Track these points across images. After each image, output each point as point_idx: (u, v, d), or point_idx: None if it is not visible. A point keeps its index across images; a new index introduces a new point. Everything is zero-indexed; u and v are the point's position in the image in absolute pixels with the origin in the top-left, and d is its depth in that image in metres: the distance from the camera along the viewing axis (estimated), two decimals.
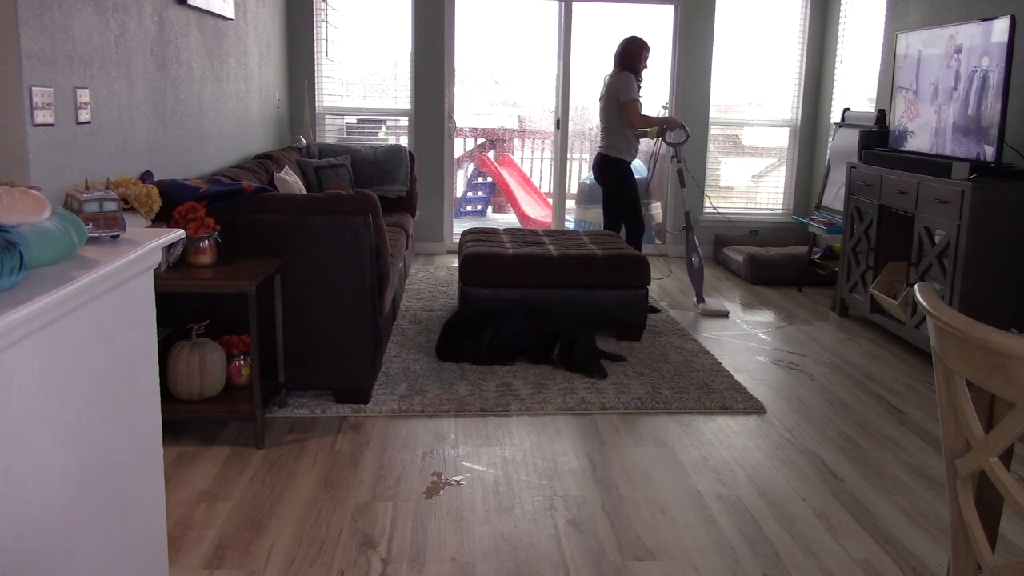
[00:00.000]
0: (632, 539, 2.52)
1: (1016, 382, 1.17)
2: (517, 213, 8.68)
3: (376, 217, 3.37)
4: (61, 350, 1.40)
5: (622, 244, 4.86)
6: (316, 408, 3.43)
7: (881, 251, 4.86)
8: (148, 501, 1.83)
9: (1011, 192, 3.96)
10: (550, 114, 7.19)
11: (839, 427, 3.45)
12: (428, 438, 3.22)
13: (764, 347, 4.55)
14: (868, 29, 6.28)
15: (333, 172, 5.53)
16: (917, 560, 2.46)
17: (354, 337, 3.40)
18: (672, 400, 3.64)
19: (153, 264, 1.80)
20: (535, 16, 7.91)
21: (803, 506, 2.76)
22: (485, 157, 9.18)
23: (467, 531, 2.54)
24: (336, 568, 2.33)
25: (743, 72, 7.09)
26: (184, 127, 4.08)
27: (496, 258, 4.49)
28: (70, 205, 1.88)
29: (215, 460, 2.98)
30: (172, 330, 3.30)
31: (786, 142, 7.12)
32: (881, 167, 4.80)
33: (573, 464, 3.02)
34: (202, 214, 3.08)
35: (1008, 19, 3.90)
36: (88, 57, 3.05)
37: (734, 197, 7.45)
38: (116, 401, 1.64)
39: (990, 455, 1.29)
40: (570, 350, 3.97)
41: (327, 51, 6.72)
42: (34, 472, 1.32)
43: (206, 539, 2.46)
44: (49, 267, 1.46)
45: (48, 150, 2.77)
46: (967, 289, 4.02)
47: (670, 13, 6.81)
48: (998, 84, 3.95)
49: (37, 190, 1.51)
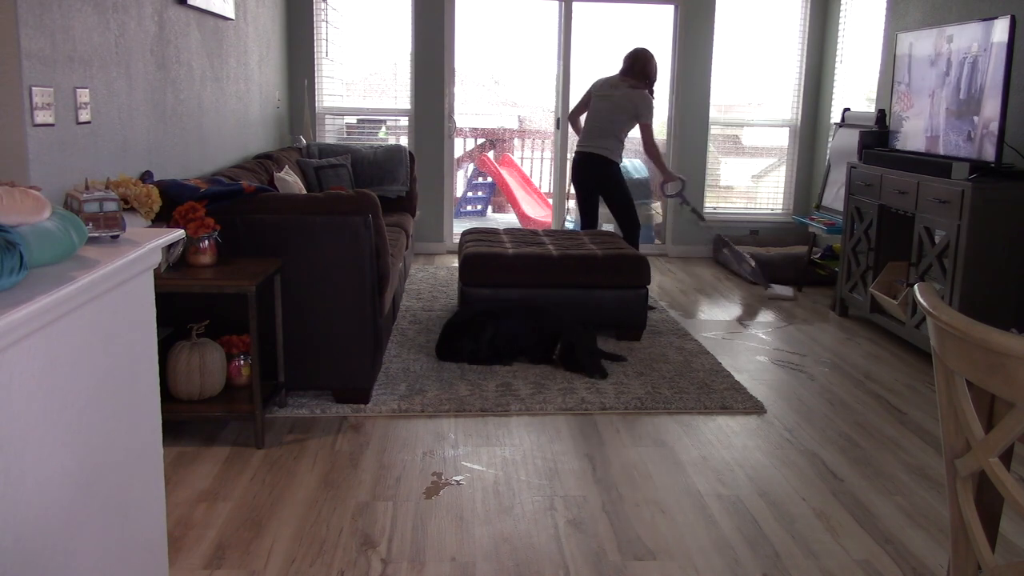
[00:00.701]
0: (632, 539, 2.52)
1: (1016, 382, 1.17)
2: (517, 213, 8.68)
3: (376, 217, 3.37)
4: (61, 350, 1.40)
5: (622, 244, 4.86)
6: (316, 408, 3.43)
7: (881, 251, 4.86)
8: (148, 501, 1.83)
9: (1011, 192, 3.96)
10: (550, 114, 7.20)
11: (839, 427, 3.45)
12: (428, 438, 3.22)
13: (764, 347, 4.55)
14: (868, 29, 6.28)
15: (333, 172, 5.53)
16: (917, 560, 2.46)
17: (354, 337, 3.40)
18: (672, 400, 3.64)
19: (153, 264, 1.80)
20: (535, 16, 7.91)
21: (803, 506, 2.76)
22: (485, 157, 9.18)
23: (467, 531, 2.54)
24: (336, 568, 2.33)
25: (743, 72, 7.09)
26: (184, 127, 4.08)
27: (496, 258, 4.49)
28: (70, 205, 1.88)
29: (215, 460, 2.98)
30: (172, 330, 3.30)
31: (786, 142, 7.12)
32: (881, 167, 4.80)
33: (573, 464, 3.02)
34: (202, 214, 3.08)
35: (1008, 19, 3.90)
36: (88, 57, 3.05)
37: (734, 197, 7.44)
38: (116, 401, 1.64)
39: (990, 455, 1.29)
40: (570, 350, 3.97)
41: (327, 51, 6.72)
42: (34, 472, 1.32)
43: (206, 539, 2.46)
44: (49, 267, 1.46)
45: (48, 150, 2.77)
46: (967, 289, 4.02)
47: (670, 13, 6.81)
48: (998, 84, 3.95)
49: (37, 190, 1.51)
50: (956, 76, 4.31)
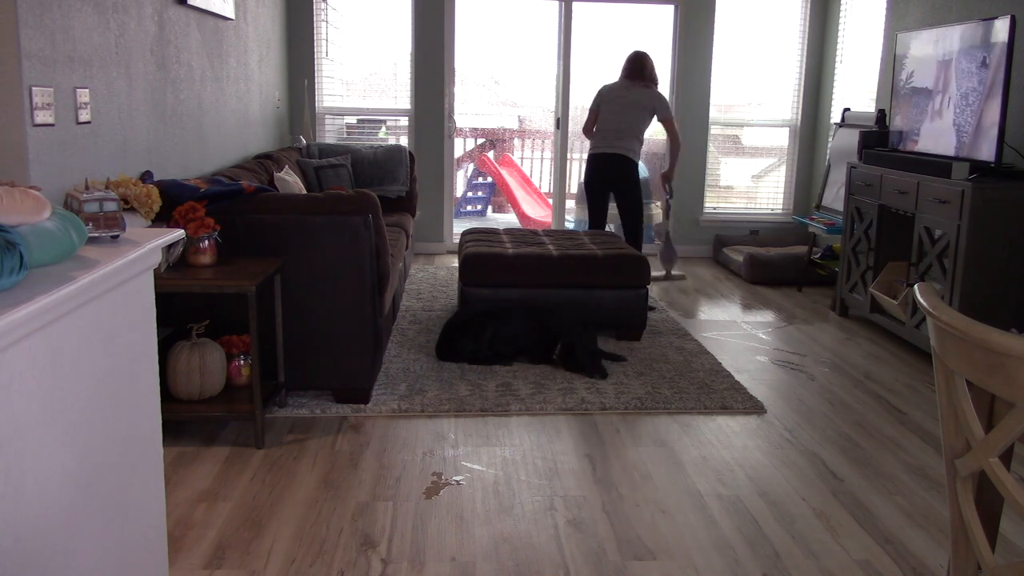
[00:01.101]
0: (632, 539, 2.52)
1: (1016, 382, 1.17)
2: (517, 213, 8.68)
3: (376, 217, 3.37)
4: (61, 350, 1.40)
5: (622, 244, 4.86)
6: (316, 408, 3.43)
7: (881, 251, 4.86)
8: (148, 501, 1.83)
9: (1011, 192, 3.96)
10: (550, 114, 7.20)
11: (839, 427, 3.45)
12: (428, 438, 3.22)
13: (764, 347, 4.55)
14: (868, 29, 6.28)
15: (333, 172, 5.53)
16: (917, 560, 2.46)
17: (354, 337, 3.40)
18: (672, 400, 3.64)
19: (153, 264, 1.80)
20: (535, 16, 7.91)
21: (803, 506, 2.76)
22: (485, 157, 9.18)
23: (467, 531, 2.54)
24: (336, 568, 2.33)
25: (743, 72, 7.09)
26: (184, 127, 4.08)
27: (496, 258, 4.49)
28: (70, 205, 1.88)
29: (215, 460, 2.98)
30: (172, 330, 3.31)
31: (786, 142, 7.12)
32: (881, 167, 4.80)
33: (573, 464, 3.02)
34: (202, 214, 3.08)
35: (1008, 19, 3.90)
36: (88, 57, 3.05)
37: (734, 197, 7.44)
38: (116, 401, 1.64)
39: (990, 455, 1.29)
40: (571, 350, 3.97)
41: (327, 51, 6.72)
42: (34, 472, 1.32)
43: (206, 539, 2.46)
44: (49, 267, 1.46)
45: (48, 150, 2.77)
46: (967, 289, 4.02)
47: (670, 13, 6.81)
48: (998, 84, 3.95)
49: (37, 190, 1.51)
50: (956, 76, 4.31)
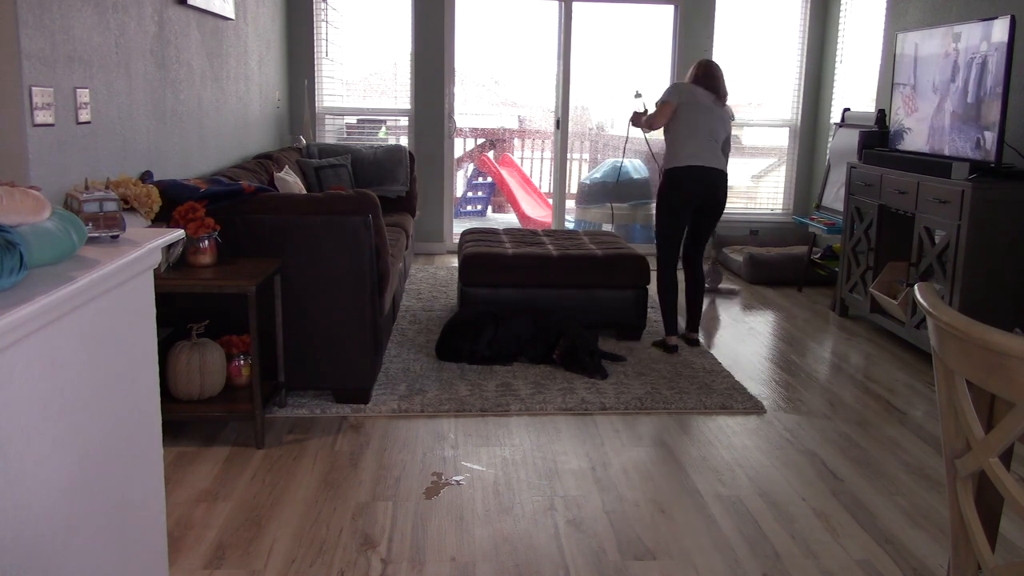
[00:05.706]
0: (632, 539, 2.52)
1: (1016, 382, 1.17)
2: (517, 213, 8.68)
3: (376, 217, 3.37)
4: (61, 350, 1.40)
5: (622, 244, 4.86)
6: (316, 408, 3.43)
7: (881, 251, 4.86)
8: (148, 501, 1.83)
9: (1011, 192, 3.96)
10: (550, 114, 7.19)
11: (839, 427, 3.45)
12: (428, 438, 3.22)
13: (764, 347, 4.55)
14: (868, 29, 6.28)
15: (333, 172, 5.53)
16: (917, 560, 2.46)
17: (354, 337, 3.40)
18: (672, 400, 3.64)
19: (153, 264, 1.80)
20: (535, 16, 7.90)
21: (803, 506, 2.76)
22: (485, 157, 9.18)
23: (467, 531, 2.54)
24: (336, 568, 2.33)
25: (743, 72, 7.09)
26: (184, 127, 4.08)
27: (496, 258, 4.49)
28: (70, 205, 1.88)
29: (215, 460, 2.98)
30: (172, 330, 3.30)
31: (786, 142, 7.11)
32: (881, 167, 4.80)
33: (573, 464, 3.02)
34: (202, 214, 3.08)
35: (1008, 19, 3.90)
36: (88, 57, 3.05)
37: (734, 197, 7.43)
38: (116, 401, 1.64)
39: (990, 455, 1.29)
40: (571, 350, 3.97)
41: (327, 51, 6.72)
42: (34, 472, 1.32)
43: (206, 539, 2.46)
44: (49, 267, 1.46)
45: (48, 150, 2.77)
46: (967, 289, 4.02)
47: (670, 13, 6.81)
48: (998, 84, 3.95)
49: (37, 190, 1.51)
50: (956, 76, 4.31)
